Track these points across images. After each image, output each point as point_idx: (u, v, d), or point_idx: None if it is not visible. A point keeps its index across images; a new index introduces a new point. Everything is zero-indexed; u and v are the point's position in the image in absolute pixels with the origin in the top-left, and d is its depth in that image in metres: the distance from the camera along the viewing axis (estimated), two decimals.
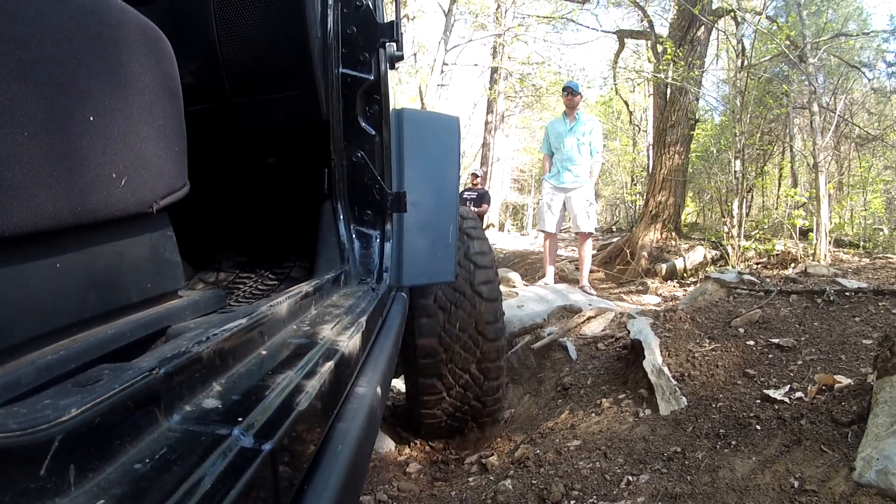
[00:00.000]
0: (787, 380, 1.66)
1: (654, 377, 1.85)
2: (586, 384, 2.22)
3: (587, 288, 4.11)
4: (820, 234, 4.56)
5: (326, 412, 0.60)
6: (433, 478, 1.86)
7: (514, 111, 16.39)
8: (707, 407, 1.62)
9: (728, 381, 1.75)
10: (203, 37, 1.33)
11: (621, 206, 13.73)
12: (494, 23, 12.38)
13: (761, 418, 1.48)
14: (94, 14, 0.62)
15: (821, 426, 1.34)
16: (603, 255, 6.53)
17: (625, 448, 1.57)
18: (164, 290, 0.79)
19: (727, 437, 1.46)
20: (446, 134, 1.60)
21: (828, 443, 1.27)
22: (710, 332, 2.10)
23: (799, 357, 1.79)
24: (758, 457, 1.34)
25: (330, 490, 0.54)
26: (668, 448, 1.50)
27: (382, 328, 1.08)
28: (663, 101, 6.33)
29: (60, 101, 0.54)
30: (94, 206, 0.60)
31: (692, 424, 1.57)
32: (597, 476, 1.46)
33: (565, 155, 4.12)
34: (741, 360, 1.86)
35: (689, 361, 1.90)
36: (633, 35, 8.59)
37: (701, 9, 5.49)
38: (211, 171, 1.35)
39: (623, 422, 1.77)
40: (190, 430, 0.42)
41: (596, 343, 2.59)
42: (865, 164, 7.53)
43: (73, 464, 0.33)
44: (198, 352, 0.49)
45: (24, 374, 0.46)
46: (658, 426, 1.63)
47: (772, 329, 2.06)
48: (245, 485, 0.39)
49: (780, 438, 1.37)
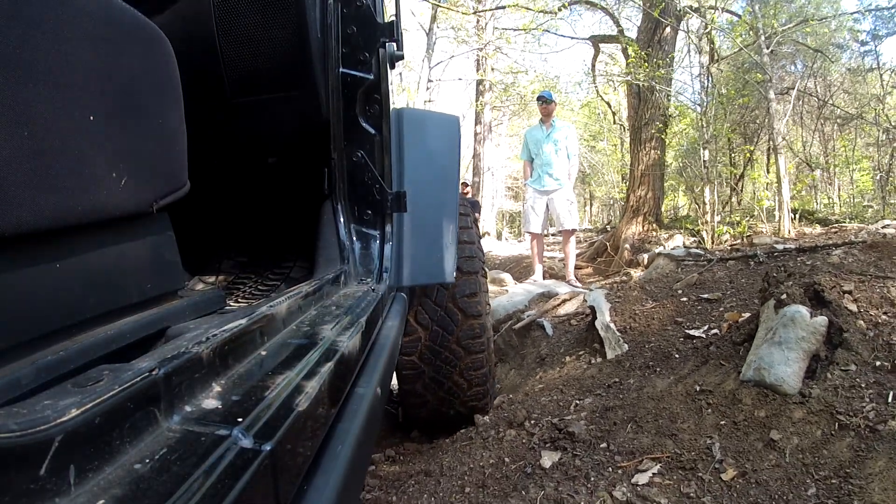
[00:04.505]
0: (708, 322, 2.05)
1: (603, 332, 2.22)
2: (559, 352, 2.57)
3: (573, 281, 4.32)
4: (782, 211, 5.04)
5: (326, 412, 0.60)
6: (432, 437, 2.07)
7: (502, 120, 16.48)
8: (642, 348, 2.02)
9: (661, 328, 2.15)
10: (203, 37, 1.33)
11: (615, 206, 13.78)
12: (476, 37, 12.46)
13: (680, 350, 1.88)
14: (94, 14, 0.61)
15: (723, 348, 1.67)
16: (590, 251, 6.81)
17: (576, 384, 1.95)
18: (164, 290, 0.79)
19: (654, 367, 1.84)
20: (446, 133, 1.60)
21: (726, 358, 1.61)
22: (654, 296, 2.52)
23: (721, 306, 2.18)
24: (674, 376, 1.69)
25: (330, 490, 0.54)
26: (609, 380, 1.87)
27: (382, 328, 1.08)
28: (637, 101, 6.46)
29: (60, 101, 0.54)
30: (94, 206, 0.60)
31: (629, 362, 1.95)
32: (553, 404, 1.81)
33: (544, 160, 4.39)
34: (674, 312, 2.25)
35: (631, 317, 2.31)
36: (606, 40, 8.76)
37: (663, 10, 5.69)
38: (211, 171, 1.35)
39: (578, 368, 2.17)
40: (190, 430, 0.42)
41: (569, 320, 2.96)
42: (848, 143, 7.68)
43: (73, 464, 0.33)
44: (197, 352, 0.49)
45: (23, 375, 0.46)
46: (604, 367, 2.02)
47: (705, 288, 2.46)
48: (245, 485, 0.39)
49: (692, 361, 1.73)
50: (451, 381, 1.84)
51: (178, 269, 0.83)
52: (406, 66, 12.55)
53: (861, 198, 7.03)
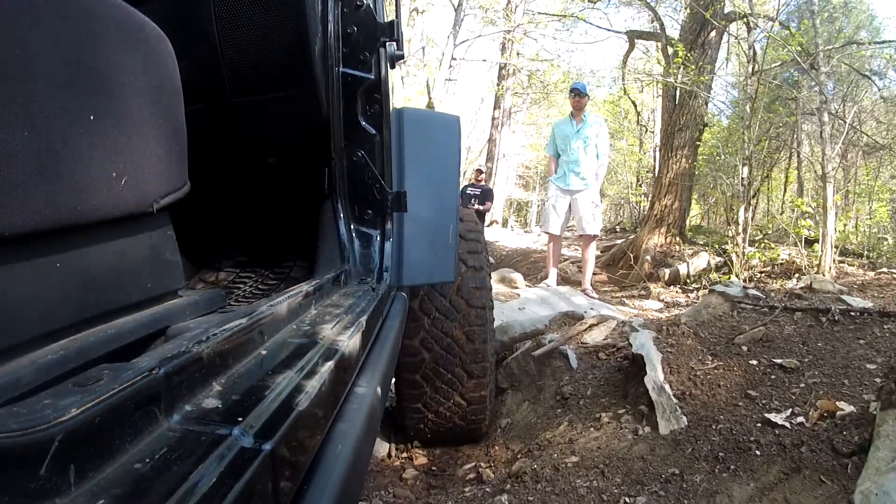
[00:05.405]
0: (789, 403, 1.63)
1: (654, 394, 1.81)
2: (586, 395, 2.20)
3: (589, 291, 4.09)
4: (826, 245, 4.48)
5: (326, 412, 0.60)
6: (429, 485, 1.84)
7: (521, 107, 16.34)
8: (707, 428, 1.60)
9: (729, 401, 1.72)
10: (203, 36, 1.33)
11: (626, 207, 13.69)
12: (504, 19, 12.32)
13: (761, 443, 1.46)
14: (94, 13, 0.61)
15: (821, 455, 1.32)
16: (606, 257, 6.48)
17: (622, 467, 1.56)
18: (164, 289, 0.79)
19: (726, 461, 1.44)
20: (447, 133, 1.60)
21: (827, 473, 1.25)
22: (712, 349, 2.07)
23: (801, 380, 1.76)
24: (756, 483, 1.32)
25: (330, 490, 0.54)
26: (667, 469, 1.48)
27: (382, 328, 1.08)
28: (672, 104, 6.24)
29: (60, 101, 0.54)
30: (94, 205, 0.60)
31: (691, 446, 1.56)
32: (594, 496, 1.44)
33: (571, 157, 4.11)
34: (743, 380, 1.83)
35: (690, 379, 1.87)
36: (644, 36, 8.50)
37: (713, 12, 5.42)
38: (211, 171, 1.35)
39: (622, 439, 1.74)
40: (190, 430, 0.42)
41: (597, 352, 2.55)
42: (872, 172, 7.50)
43: (73, 464, 0.33)
44: (198, 352, 0.49)
45: (24, 374, 0.46)
46: (657, 445, 1.61)
47: (775, 348, 2.02)
48: (245, 485, 0.39)
49: (779, 465, 1.35)
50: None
51: (178, 269, 0.83)
52: (429, 42, 12.39)
53: (877, 229, 6.87)
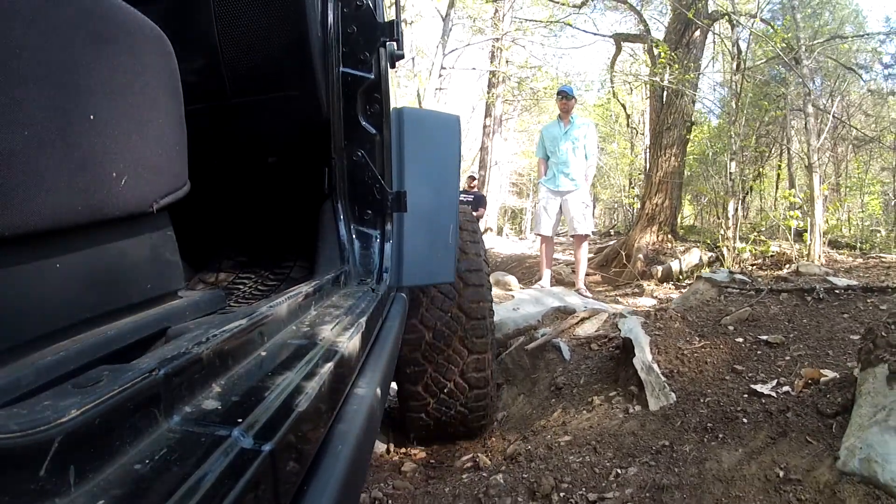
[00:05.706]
0: (775, 375, 1.67)
1: (643, 374, 1.86)
2: (579, 383, 2.24)
3: (583, 290, 4.12)
4: (814, 234, 4.60)
5: (326, 413, 0.60)
6: (427, 476, 1.86)
7: (512, 115, 16.34)
8: (695, 402, 1.64)
9: (716, 376, 1.76)
10: (203, 36, 1.33)
11: (619, 210, 13.69)
12: (492, 27, 12.37)
13: (748, 412, 1.50)
14: (94, 13, 0.61)
15: (806, 418, 1.35)
16: (599, 258, 6.52)
17: (614, 442, 1.59)
18: (164, 290, 0.79)
19: (714, 431, 1.47)
20: (447, 133, 1.60)
21: (813, 434, 1.28)
22: (700, 330, 2.12)
23: (787, 353, 1.81)
24: (744, 448, 1.35)
25: (330, 491, 0.54)
26: (657, 442, 1.52)
27: (382, 329, 1.08)
28: (660, 104, 6.32)
29: (60, 101, 0.54)
30: (94, 205, 0.60)
31: (680, 419, 1.59)
32: (586, 469, 1.47)
33: (560, 159, 4.16)
34: (730, 356, 1.88)
35: (678, 358, 1.91)
36: (630, 39, 8.59)
37: (696, 12, 5.50)
38: (211, 171, 1.35)
39: (613, 418, 1.78)
40: (190, 431, 0.42)
41: (589, 343, 2.60)
42: (862, 165, 7.54)
43: (73, 465, 0.33)
44: (198, 353, 0.49)
45: (23, 376, 0.46)
46: (647, 421, 1.65)
47: (761, 326, 2.07)
48: (245, 485, 0.39)
49: (766, 431, 1.39)
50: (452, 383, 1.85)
51: (178, 269, 0.83)
52: (418, 53, 12.39)
53: (870, 221, 6.90)
